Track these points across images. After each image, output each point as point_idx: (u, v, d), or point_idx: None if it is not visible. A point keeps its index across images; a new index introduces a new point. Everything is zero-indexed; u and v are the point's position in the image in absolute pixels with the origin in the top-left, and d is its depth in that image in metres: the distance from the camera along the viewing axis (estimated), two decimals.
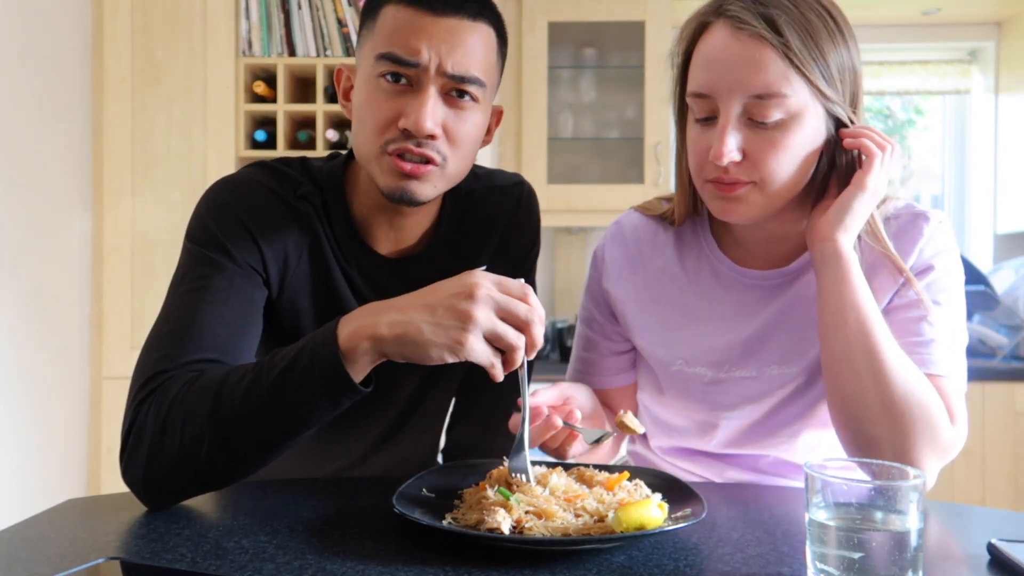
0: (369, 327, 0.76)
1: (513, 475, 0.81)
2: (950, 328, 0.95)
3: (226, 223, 0.93)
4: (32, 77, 2.27)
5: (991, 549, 0.71)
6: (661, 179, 2.85)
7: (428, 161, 0.90)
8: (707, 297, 1.06)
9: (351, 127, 0.97)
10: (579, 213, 2.89)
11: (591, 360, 1.15)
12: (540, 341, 0.78)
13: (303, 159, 1.03)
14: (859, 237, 0.95)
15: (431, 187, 0.92)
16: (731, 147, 0.90)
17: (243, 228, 0.93)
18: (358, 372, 0.77)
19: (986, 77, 3.29)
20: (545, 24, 2.86)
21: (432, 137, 0.89)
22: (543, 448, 0.93)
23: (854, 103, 0.95)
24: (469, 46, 0.90)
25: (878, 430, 0.89)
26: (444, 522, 0.74)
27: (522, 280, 0.79)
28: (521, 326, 0.76)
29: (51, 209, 2.37)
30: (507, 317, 0.76)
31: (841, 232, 0.92)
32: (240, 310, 0.91)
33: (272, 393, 0.77)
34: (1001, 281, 2.86)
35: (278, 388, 0.77)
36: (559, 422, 0.86)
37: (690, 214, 1.09)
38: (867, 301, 0.91)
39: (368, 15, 0.93)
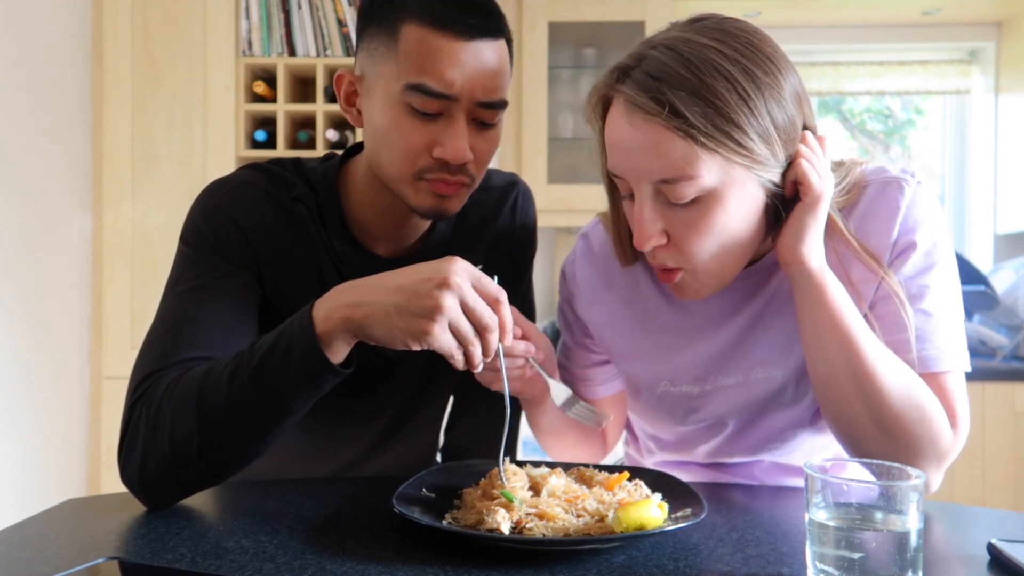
0: (340, 308, 0.77)
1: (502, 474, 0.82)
2: (945, 311, 0.89)
3: (220, 225, 0.93)
4: (32, 77, 2.27)
5: (991, 549, 0.71)
6: None
7: (461, 183, 0.92)
8: (685, 312, 1.01)
9: (365, 137, 0.95)
10: (579, 213, 2.88)
11: (574, 371, 1.11)
12: (493, 347, 0.77)
13: (296, 160, 1.03)
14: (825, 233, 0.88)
15: (460, 202, 0.95)
16: (649, 233, 0.85)
17: (237, 229, 0.94)
18: (335, 353, 0.78)
19: (986, 77, 3.29)
20: (545, 24, 2.86)
21: (465, 163, 0.90)
22: (519, 392, 0.95)
23: (787, 133, 0.84)
24: (496, 70, 0.89)
25: (875, 447, 0.86)
26: (444, 522, 0.74)
27: (499, 286, 0.78)
28: (480, 330, 0.76)
29: (51, 209, 2.37)
30: (471, 315, 0.75)
31: (804, 248, 0.85)
32: (234, 310, 0.91)
33: (253, 380, 0.78)
34: (1001, 281, 2.86)
35: (259, 375, 0.78)
36: (529, 356, 0.88)
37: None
38: (848, 319, 0.85)
39: (383, 27, 0.89)
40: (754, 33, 0.85)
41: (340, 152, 1.04)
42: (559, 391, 0.92)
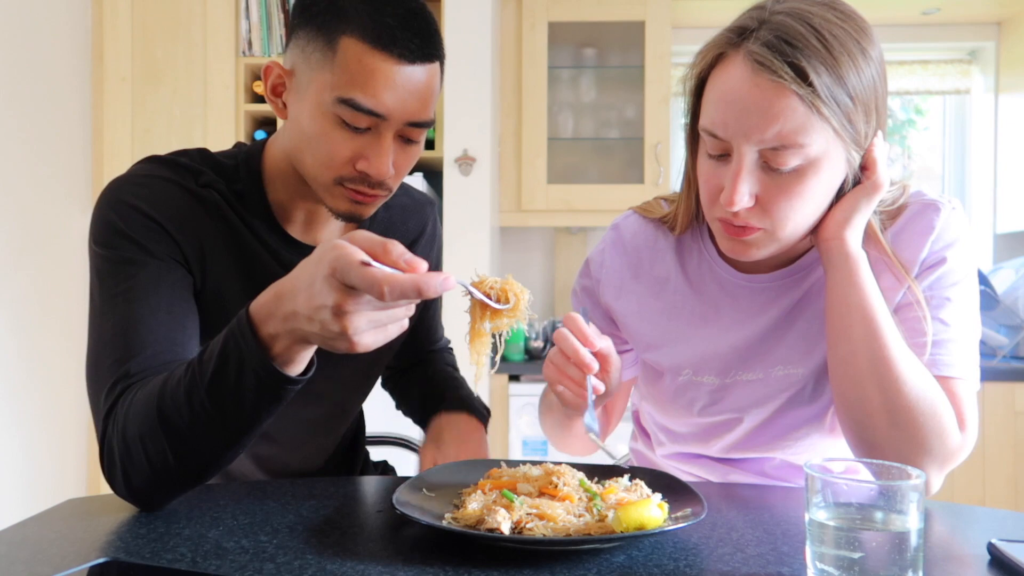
0: (283, 330, 0.72)
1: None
2: (963, 325, 0.92)
3: (135, 219, 0.91)
4: (32, 77, 2.27)
5: (991, 549, 0.71)
6: (661, 179, 2.85)
7: (378, 196, 0.94)
8: (712, 305, 1.03)
9: (287, 130, 0.95)
10: (579, 213, 2.89)
11: None
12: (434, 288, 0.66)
13: (202, 149, 1.01)
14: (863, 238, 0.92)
15: (373, 209, 0.97)
16: (743, 194, 0.85)
17: (152, 222, 0.91)
18: (296, 365, 0.75)
19: (986, 77, 3.29)
20: (545, 24, 2.86)
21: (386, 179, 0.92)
22: (562, 398, 0.91)
23: (878, 119, 0.89)
24: (429, 93, 0.90)
25: (882, 436, 0.88)
26: (444, 522, 0.74)
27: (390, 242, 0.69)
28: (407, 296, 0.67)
29: (51, 209, 2.37)
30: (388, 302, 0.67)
31: (849, 230, 0.89)
32: (175, 301, 0.90)
33: (212, 398, 0.75)
34: (1001, 281, 2.86)
35: (215, 393, 0.75)
36: (596, 384, 0.87)
37: (691, 222, 1.05)
38: (875, 303, 0.88)
39: (321, 34, 0.88)
40: (858, 15, 0.88)
41: (257, 141, 1.04)
42: (592, 422, 0.88)
